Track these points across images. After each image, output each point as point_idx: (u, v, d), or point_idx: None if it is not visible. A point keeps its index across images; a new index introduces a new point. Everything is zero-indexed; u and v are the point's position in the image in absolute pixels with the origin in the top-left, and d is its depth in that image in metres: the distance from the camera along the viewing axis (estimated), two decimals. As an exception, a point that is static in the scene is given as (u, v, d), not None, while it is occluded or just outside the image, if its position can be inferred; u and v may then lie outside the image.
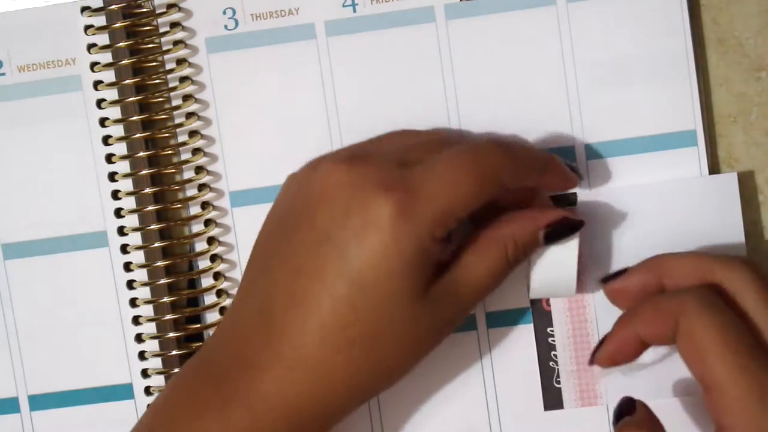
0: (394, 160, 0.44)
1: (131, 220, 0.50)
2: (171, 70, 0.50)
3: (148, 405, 0.50)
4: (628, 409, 0.44)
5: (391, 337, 0.42)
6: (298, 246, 0.43)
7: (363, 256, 0.42)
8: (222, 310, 0.51)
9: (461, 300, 0.44)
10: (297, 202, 0.44)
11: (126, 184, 0.51)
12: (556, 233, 0.45)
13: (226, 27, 0.50)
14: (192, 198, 0.51)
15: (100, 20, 0.50)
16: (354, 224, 0.42)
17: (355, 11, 0.50)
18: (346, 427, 0.49)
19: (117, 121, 0.50)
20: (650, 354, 0.47)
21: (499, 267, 0.44)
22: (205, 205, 0.51)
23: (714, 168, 0.50)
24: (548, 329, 0.50)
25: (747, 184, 0.50)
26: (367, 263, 0.42)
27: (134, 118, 0.50)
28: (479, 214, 0.44)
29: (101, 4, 0.50)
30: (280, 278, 0.43)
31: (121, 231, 0.51)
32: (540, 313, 0.49)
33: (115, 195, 0.51)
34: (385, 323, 0.42)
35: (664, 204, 0.49)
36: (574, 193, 0.49)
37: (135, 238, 0.51)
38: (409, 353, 0.43)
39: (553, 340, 0.50)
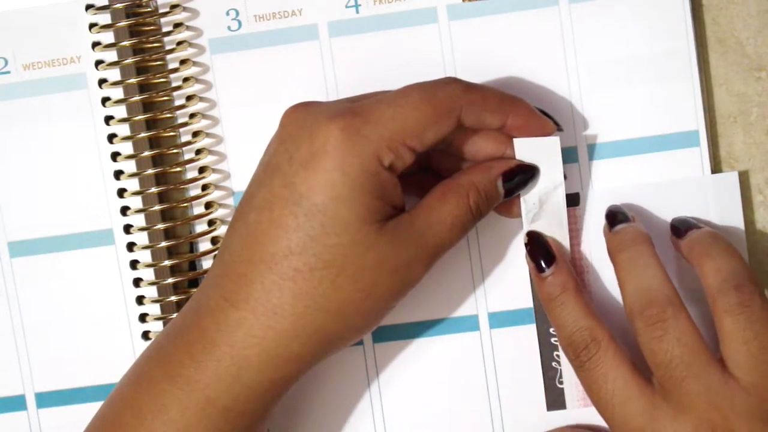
0: (348, 99, 0.44)
1: (137, 219, 0.49)
2: (175, 70, 0.49)
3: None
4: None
5: (345, 268, 0.41)
6: (254, 187, 0.43)
7: (309, 181, 0.41)
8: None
9: (423, 239, 0.42)
10: (263, 153, 0.44)
11: (132, 183, 0.49)
12: (514, 181, 0.45)
13: (229, 28, 0.49)
14: (198, 197, 0.50)
15: (104, 18, 0.49)
16: (302, 154, 0.41)
17: (358, 12, 0.49)
18: (348, 426, 0.49)
19: (122, 120, 0.49)
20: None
21: (461, 211, 0.43)
22: (209, 205, 0.50)
23: (716, 168, 0.49)
24: (551, 330, 0.49)
25: (747, 184, 0.49)
26: (313, 189, 0.41)
27: (138, 117, 0.49)
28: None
29: (106, 2, 0.49)
30: (237, 224, 0.43)
31: (128, 229, 0.50)
32: (543, 314, 0.48)
33: (121, 193, 0.50)
34: (335, 252, 0.41)
35: (665, 204, 0.48)
36: (577, 193, 0.48)
37: (141, 237, 0.50)
38: (364, 289, 0.41)
39: (556, 341, 0.49)
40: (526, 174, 0.45)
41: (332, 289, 0.41)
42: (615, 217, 0.46)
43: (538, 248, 0.46)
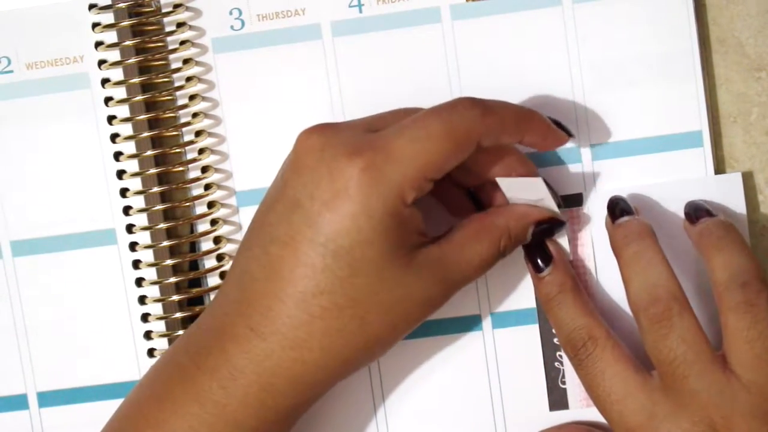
0: (362, 125, 0.43)
1: (140, 219, 0.49)
2: (178, 69, 0.49)
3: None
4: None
5: (375, 305, 0.41)
6: (272, 217, 0.42)
7: (334, 224, 0.40)
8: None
9: (448, 275, 0.43)
10: (278, 175, 0.43)
11: (134, 183, 0.49)
12: (541, 229, 0.45)
13: (232, 27, 0.49)
14: (200, 197, 0.49)
15: (107, 17, 0.49)
16: (323, 193, 0.41)
17: (361, 12, 0.48)
18: (351, 427, 0.49)
19: (124, 120, 0.49)
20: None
21: (489, 253, 0.44)
22: (212, 204, 0.49)
23: (719, 169, 0.48)
24: (553, 330, 0.48)
25: (747, 184, 0.48)
26: (339, 230, 0.40)
27: (141, 116, 0.49)
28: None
29: (108, 2, 0.49)
30: (257, 250, 0.42)
31: (130, 229, 0.49)
32: (545, 314, 0.47)
33: (124, 193, 0.49)
34: (364, 290, 0.41)
35: (668, 204, 0.47)
36: (579, 193, 0.48)
37: (144, 236, 0.49)
38: (393, 323, 0.42)
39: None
40: (556, 226, 0.45)
41: (362, 326, 0.41)
42: (616, 208, 0.45)
43: (535, 248, 0.46)
